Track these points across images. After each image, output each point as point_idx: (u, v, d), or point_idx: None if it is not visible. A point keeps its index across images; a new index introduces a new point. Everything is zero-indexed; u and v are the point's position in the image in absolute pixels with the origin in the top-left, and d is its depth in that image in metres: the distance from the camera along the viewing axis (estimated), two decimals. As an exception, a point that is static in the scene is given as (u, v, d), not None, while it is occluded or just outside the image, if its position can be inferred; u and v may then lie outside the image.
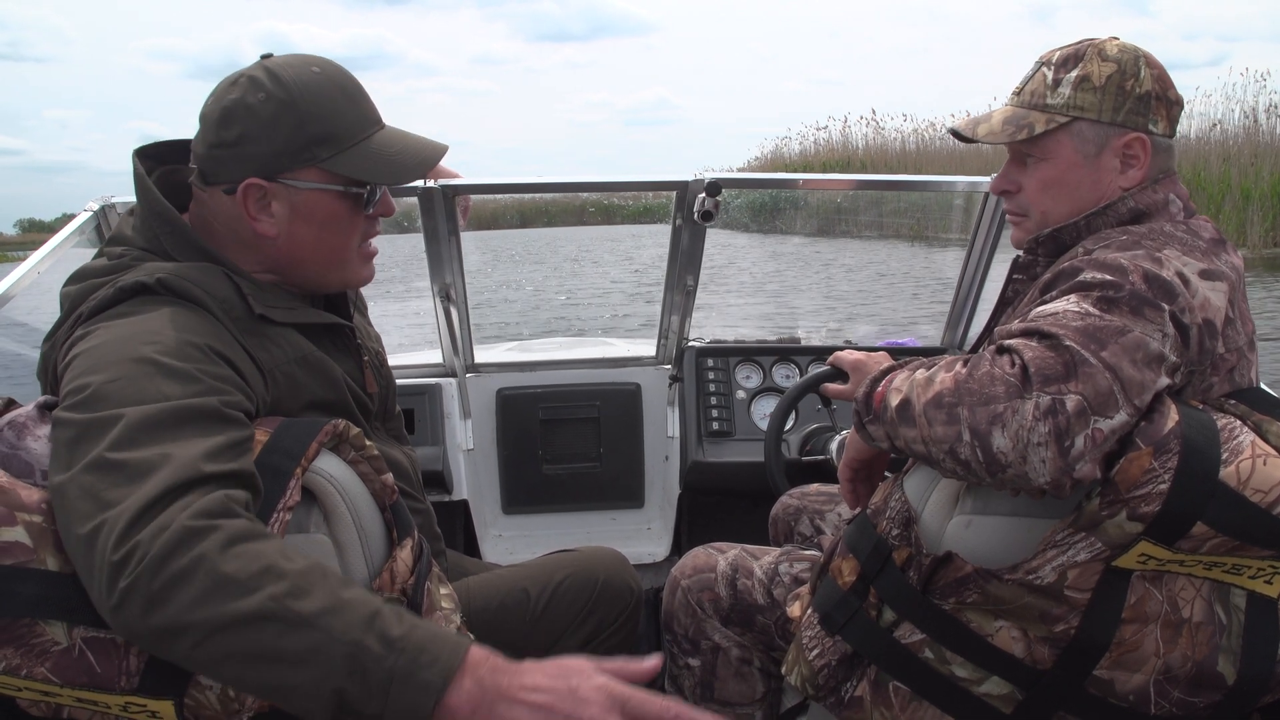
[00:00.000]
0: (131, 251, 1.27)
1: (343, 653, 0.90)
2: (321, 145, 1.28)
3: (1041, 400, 1.00)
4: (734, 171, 2.39)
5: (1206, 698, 1.16)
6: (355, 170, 1.30)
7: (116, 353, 1.08)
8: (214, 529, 0.92)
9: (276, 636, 0.90)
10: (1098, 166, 1.32)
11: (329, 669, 0.90)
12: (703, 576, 1.64)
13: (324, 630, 0.90)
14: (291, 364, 1.26)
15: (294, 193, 1.28)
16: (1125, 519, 1.04)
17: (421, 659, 0.92)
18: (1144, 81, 1.30)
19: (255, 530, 0.96)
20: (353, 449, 1.16)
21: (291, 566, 0.93)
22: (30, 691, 1.00)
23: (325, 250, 1.34)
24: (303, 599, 0.91)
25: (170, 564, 0.90)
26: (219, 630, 0.89)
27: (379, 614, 0.94)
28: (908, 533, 1.21)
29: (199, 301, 1.19)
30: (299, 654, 0.90)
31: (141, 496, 0.93)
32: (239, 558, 0.91)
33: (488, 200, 2.69)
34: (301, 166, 1.28)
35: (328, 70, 1.31)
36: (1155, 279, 1.12)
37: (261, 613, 0.90)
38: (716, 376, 2.59)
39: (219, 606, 0.89)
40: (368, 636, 0.91)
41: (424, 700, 0.90)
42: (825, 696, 1.29)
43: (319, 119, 1.27)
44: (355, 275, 1.40)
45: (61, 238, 1.98)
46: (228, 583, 0.90)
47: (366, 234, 1.39)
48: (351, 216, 1.34)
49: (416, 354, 3.00)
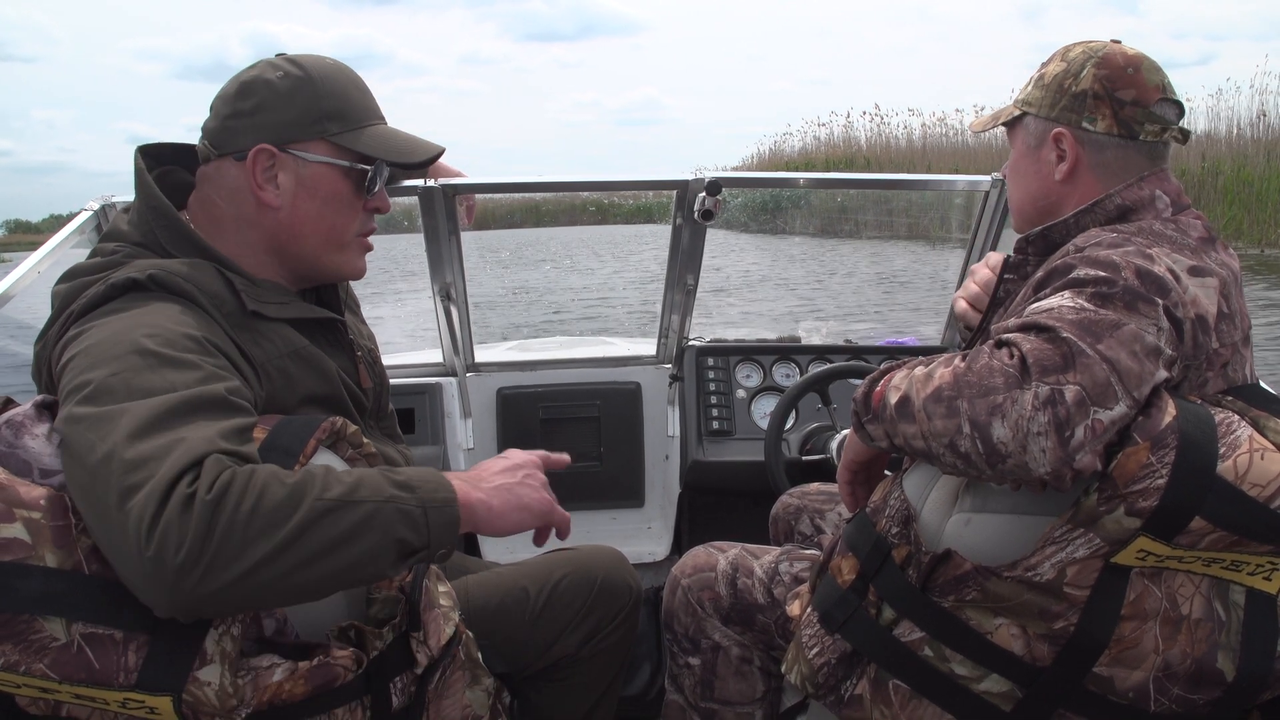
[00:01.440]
0: (124, 248, 1.27)
1: (390, 509, 1.04)
2: (333, 120, 1.33)
3: (1040, 390, 1.00)
4: (729, 170, 2.39)
5: (1206, 695, 1.15)
6: (363, 147, 1.34)
7: (115, 347, 1.08)
8: (231, 478, 0.97)
9: (334, 525, 1.00)
10: (1039, 158, 1.40)
11: (387, 525, 1.03)
12: (703, 575, 1.64)
13: (366, 500, 1.03)
14: (284, 358, 1.27)
15: (302, 164, 1.32)
16: (1123, 514, 1.04)
17: (429, 484, 1.10)
18: (1083, 81, 1.34)
19: (252, 468, 1.01)
20: (350, 446, 1.17)
21: (299, 478, 1.02)
22: (29, 688, 1.00)
23: (324, 228, 1.36)
24: (331, 488, 1.02)
25: (213, 531, 0.93)
26: (278, 557, 0.96)
27: (381, 473, 1.08)
28: (907, 531, 1.21)
29: (191, 297, 1.19)
30: (358, 528, 1.01)
31: (164, 477, 0.94)
32: (267, 488, 0.98)
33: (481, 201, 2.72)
34: (312, 139, 1.32)
35: (344, 67, 1.38)
36: (1148, 274, 1.12)
37: (313, 514, 0.99)
38: (717, 376, 2.59)
39: (271, 539, 0.96)
40: (393, 489, 1.06)
41: (451, 512, 1.09)
42: (825, 695, 1.29)
43: (332, 96, 1.33)
44: (350, 262, 1.42)
45: (62, 237, 1.99)
46: (275, 508, 0.97)
47: (364, 226, 1.42)
48: (353, 198, 1.37)
49: (417, 353, 3.00)
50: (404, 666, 1.20)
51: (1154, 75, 1.34)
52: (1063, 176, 1.37)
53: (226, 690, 1.00)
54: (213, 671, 1.00)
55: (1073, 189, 1.37)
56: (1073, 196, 1.37)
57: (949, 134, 20.86)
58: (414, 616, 1.20)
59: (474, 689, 1.32)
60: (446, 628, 1.25)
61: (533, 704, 1.54)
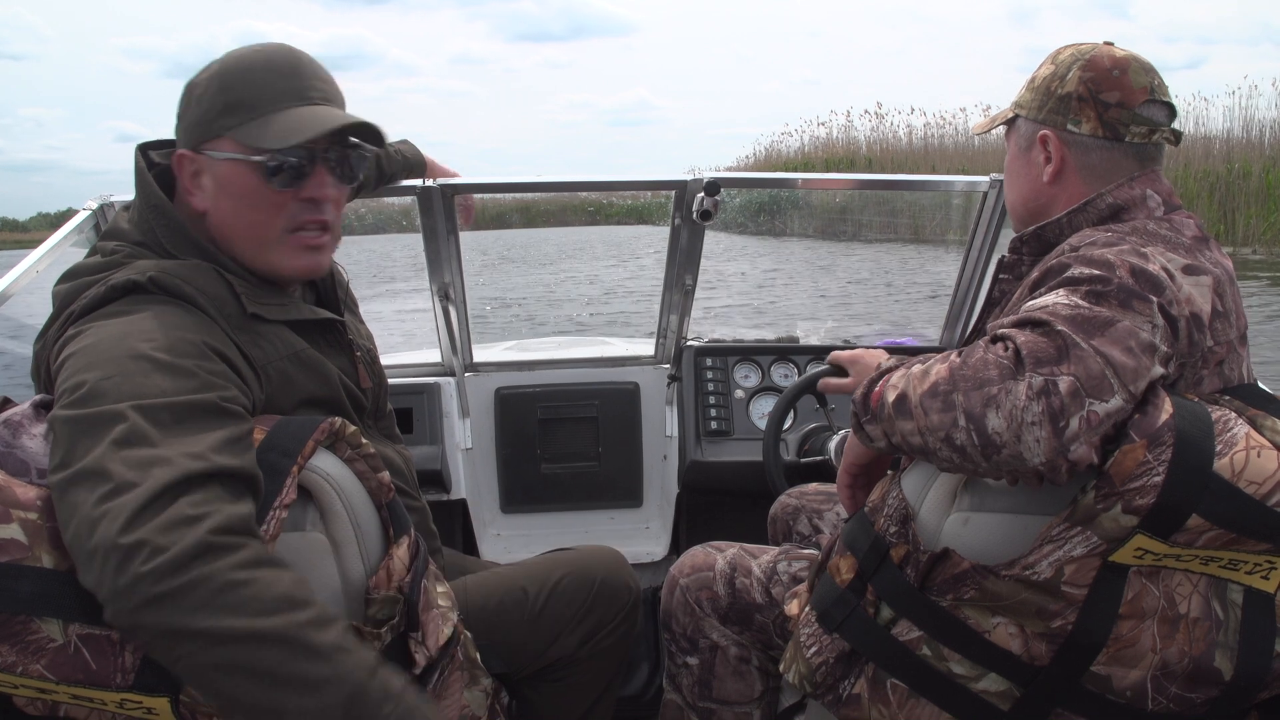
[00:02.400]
0: (124, 248, 1.27)
1: (349, 690, 0.94)
2: (234, 113, 1.27)
3: (1034, 381, 1.01)
4: (723, 171, 2.38)
5: (1204, 693, 1.15)
6: (253, 137, 1.27)
7: (111, 350, 1.08)
8: (240, 546, 0.95)
9: (289, 661, 0.92)
10: (1029, 160, 1.43)
11: (333, 702, 0.93)
12: (701, 575, 1.64)
13: (336, 665, 0.94)
14: (284, 360, 1.26)
15: (215, 164, 1.29)
16: (1120, 512, 1.04)
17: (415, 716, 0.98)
18: (1068, 83, 1.36)
19: (276, 558, 0.99)
20: (349, 447, 1.16)
21: (311, 598, 0.97)
22: (26, 689, 1.00)
23: (245, 227, 1.31)
24: (322, 631, 0.95)
25: (191, 569, 0.91)
26: (231, 642, 0.91)
27: (382, 666, 0.99)
28: (905, 530, 1.21)
29: (191, 300, 1.19)
30: (308, 681, 0.93)
31: (150, 486, 0.94)
32: (264, 579, 0.94)
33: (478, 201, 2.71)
34: (215, 136, 1.28)
35: (272, 51, 1.31)
36: (1142, 273, 1.13)
37: (280, 635, 0.92)
38: (715, 376, 2.59)
39: (235, 620, 0.91)
40: (371, 682, 0.96)
41: None
42: (823, 694, 1.29)
43: (237, 87, 1.27)
44: (285, 260, 1.33)
45: (60, 236, 1.98)
46: (252, 599, 0.92)
47: (295, 218, 1.31)
48: (266, 191, 1.29)
49: (415, 353, 3.00)
50: (402, 667, 1.20)
51: (1141, 77, 1.34)
52: (1049, 178, 1.39)
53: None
54: None
55: (1060, 190, 1.39)
56: (1061, 198, 1.39)
57: (952, 134, 20.53)
58: (412, 617, 1.20)
59: (472, 689, 1.32)
60: (445, 628, 1.24)
61: (531, 704, 1.54)
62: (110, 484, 0.94)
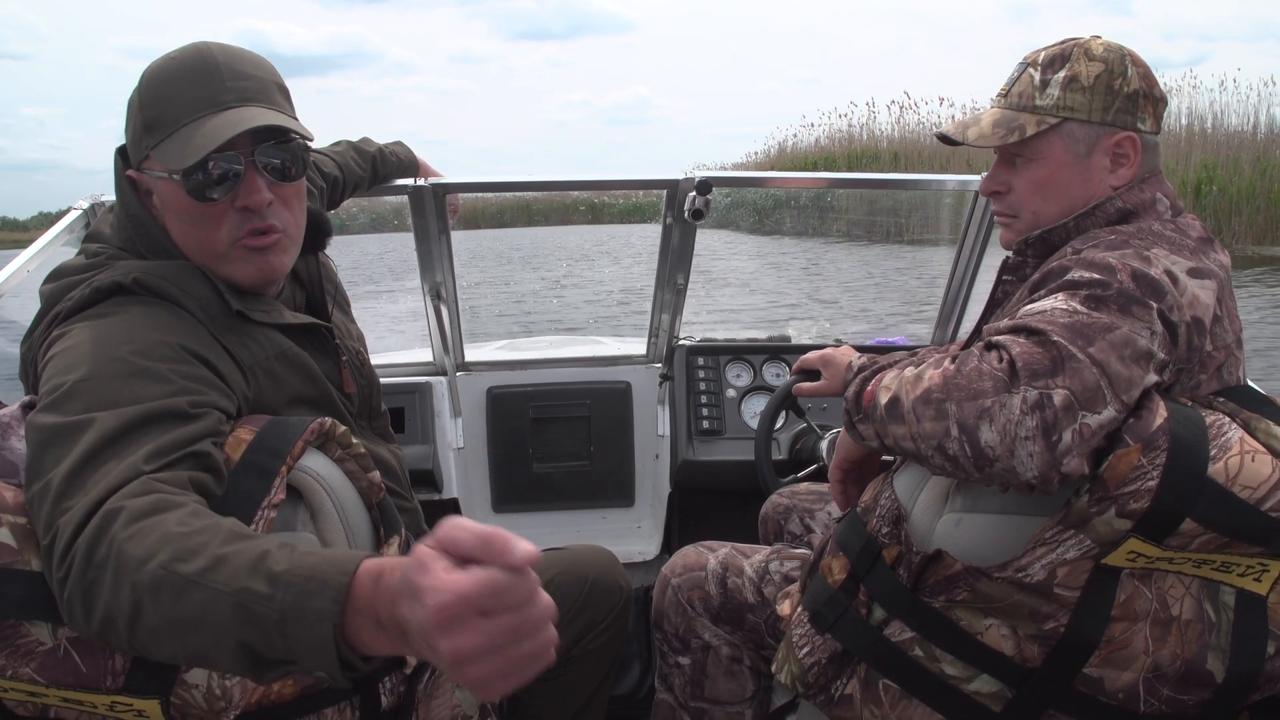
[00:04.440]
0: (108, 249, 1.26)
1: (230, 604, 0.83)
2: (150, 132, 1.23)
3: (1029, 394, 1.00)
4: (729, 170, 2.38)
5: (1196, 695, 1.16)
6: (168, 156, 1.21)
7: (92, 352, 1.08)
8: (120, 510, 0.89)
9: (172, 603, 0.84)
10: (1088, 166, 1.33)
11: (224, 624, 0.83)
12: (693, 575, 1.64)
13: (209, 586, 0.84)
14: (271, 360, 1.26)
15: (154, 182, 1.26)
16: (1114, 516, 1.04)
17: (308, 588, 0.81)
18: (1131, 80, 1.31)
19: (161, 502, 0.91)
20: (339, 447, 1.16)
21: (183, 530, 0.88)
22: (16, 692, 1.00)
23: (195, 243, 1.26)
24: (189, 560, 0.85)
25: (92, 557, 0.89)
26: (135, 609, 0.86)
27: (266, 554, 0.85)
28: (898, 531, 1.21)
29: (175, 300, 1.18)
30: (195, 616, 0.84)
31: (82, 506, 0.92)
32: (139, 533, 0.88)
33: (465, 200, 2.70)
34: (143, 156, 1.25)
35: (186, 57, 1.25)
36: (1143, 277, 1.12)
37: (154, 581, 0.85)
38: (707, 375, 2.59)
39: (127, 586, 0.86)
40: (253, 580, 0.83)
41: (321, 630, 0.80)
42: (815, 694, 1.29)
43: (149, 105, 1.23)
44: (236, 272, 1.27)
45: (51, 236, 1.97)
46: (128, 560, 0.86)
47: (239, 227, 1.25)
48: (199, 207, 1.23)
49: (406, 352, 3.00)
50: (393, 666, 1.19)
51: None
52: (1123, 181, 1.33)
53: (214, 692, 1.00)
54: (200, 674, 1.00)
55: (1119, 193, 1.33)
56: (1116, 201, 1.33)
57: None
58: None
59: (463, 689, 1.32)
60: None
61: (523, 703, 1.54)
62: (62, 503, 0.94)
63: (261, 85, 1.27)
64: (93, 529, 0.89)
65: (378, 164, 2.02)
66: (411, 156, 2.12)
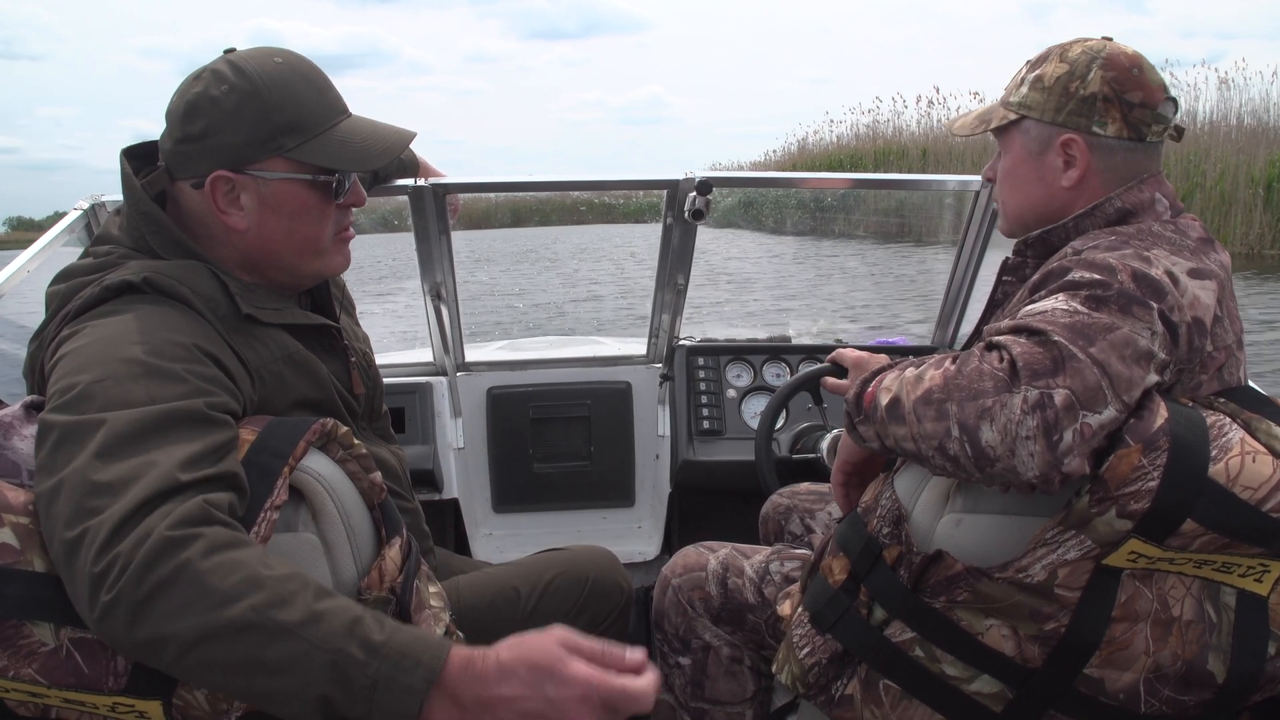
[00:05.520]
0: (118, 250, 1.26)
1: (325, 660, 0.90)
2: (287, 134, 1.26)
3: (1029, 394, 1.00)
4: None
5: (1197, 696, 1.16)
6: (322, 158, 1.29)
7: (103, 352, 1.07)
8: (195, 537, 0.92)
9: (259, 646, 0.90)
10: (1042, 164, 1.37)
11: (313, 677, 0.90)
12: (693, 575, 1.64)
13: (306, 639, 0.91)
14: (278, 362, 1.26)
15: (262, 184, 1.27)
16: (1115, 516, 1.04)
17: (404, 663, 0.92)
18: (1091, 83, 1.32)
19: (236, 538, 0.96)
20: (341, 448, 1.16)
21: (271, 574, 0.93)
22: (18, 692, 0.99)
23: (298, 240, 1.32)
24: (284, 608, 0.91)
25: (152, 573, 0.90)
26: (202, 640, 0.90)
27: (360, 620, 0.94)
28: (898, 531, 1.21)
29: (185, 300, 1.18)
30: (281, 663, 0.90)
31: (121, 507, 0.93)
32: (220, 566, 0.92)
33: (480, 199, 2.67)
34: (268, 156, 1.26)
35: (290, 60, 1.30)
36: (1144, 278, 1.12)
37: (243, 622, 0.90)
38: (707, 375, 2.59)
39: (201, 616, 0.90)
40: (350, 644, 0.91)
41: (409, 704, 0.91)
42: (816, 695, 1.29)
43: (283, 108, 1.26)
44: (331, 264, 1.38)
45: (51, 236, 1.97)
46: (209, 592, 0.90)
47: (339, 223, 1.37)
48: (322, 206, 1.32)
49: (407, 353, 3.00)
50: None
51: (1155, 74, 1.33)
52: (1072, 183, 1.35)
53: (216, 695, 1.00)
54: None
55: (1079, 194, 1.36)
56: (1078, 202, 1.36)
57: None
58: (404, 618, 1.19)
59: None
60: (437, 628, 1.24)
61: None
62: (88, 501, 0.94)
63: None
64: (156, 545, 0.90)
65: None
66: (412, 157, 2.12)
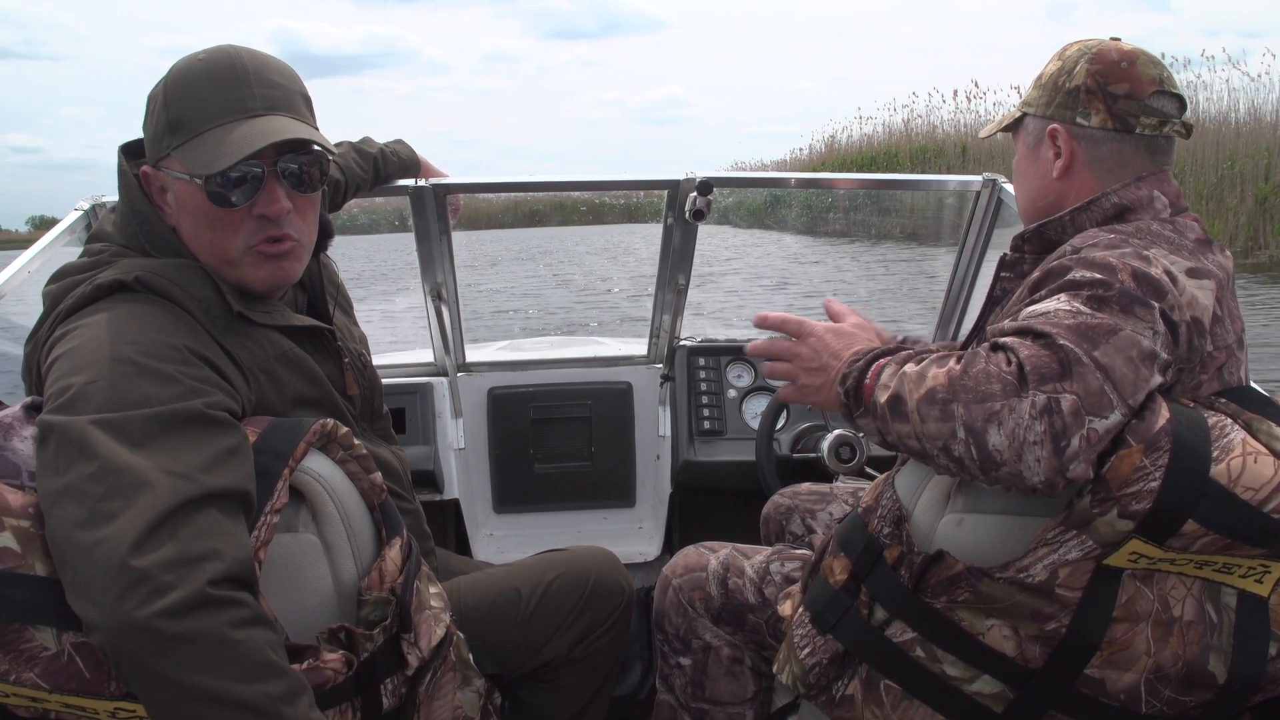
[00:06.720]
0: (110, 248, 1.26)
1: None
2: (174, 133, 1.24)
3: (1038, 399, 1.00)
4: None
5: (1197, 697, 1.16)
6: (188, 160, 1.22)
7: (97, 353, 1.07)
8: (236, 603, 0.96)
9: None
10: (1038, 157, 1.41)
11: None
12: (694, 575, 1.64)
13: None
14: (272, 361, 1.26)
15: (171, 181, 1.26)
16: (1116, 517, 1.04)
17: None
18: (1076, 77, 1.35)
19: (265, 615, 1.00)
20: (341, 448, 1.16)
21: (285, 664, 0.99)
22: (19, 697, 0.99)
23: (207, 245, 1.26)
24: (291, 705, 0.96)
25: (188, 620, 0.92)
26: (209, 702, 0.92)
27: None
28: (899, 531, 1.21)
29: (176, 300, 1.18)
30: None
31: (144, 514, 0.93)
32: (251, 642, 0.95)
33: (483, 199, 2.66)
34: (164, 154, 1.25)
35: (215, 59, 1.25)
36: (1144, 277, 1.12)
37: (254, 705, 0.94)
38: (708, 375, 2.59)
39: (217, 681, 0.93)
40: None
41: None
42: (816, 695, 1.29)
43: (174, 105, 1.24)
44: (248, 276, 1.28)
45: (52, 236, 1.97)
46: (236, 663, 0.94)
47: (255, 234, 1.26)
48: (217, 212, 1.24)
49: (408, 353, 3.00)
50: (395, 668, 1.20)
51: (1149, 69, 1.33)
52: (1059, 173, 1.37)
53: None
54: None
55: (1070, 186, 1.37)
56: (1070, 194, 1.37)
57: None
58: (405, 618, 1.20)
59: (465, 690, 1.32)
60: (438, 629, 1.24)
61: (524, 704, 1.54)
62: (101, 505, 0.94)
63: (288, 95, 1.28)
64: (198, 597, 0.93)
65: (379, 165, 2.01)
66: (413, 156, 2.12)
